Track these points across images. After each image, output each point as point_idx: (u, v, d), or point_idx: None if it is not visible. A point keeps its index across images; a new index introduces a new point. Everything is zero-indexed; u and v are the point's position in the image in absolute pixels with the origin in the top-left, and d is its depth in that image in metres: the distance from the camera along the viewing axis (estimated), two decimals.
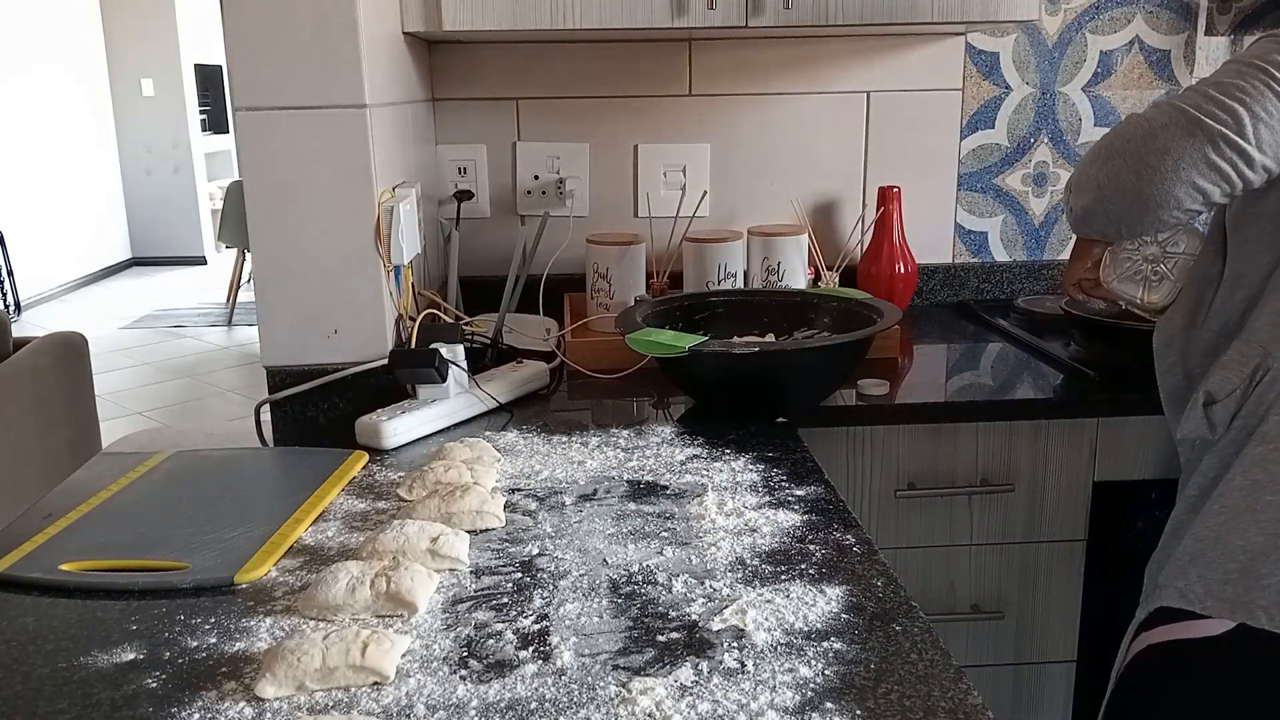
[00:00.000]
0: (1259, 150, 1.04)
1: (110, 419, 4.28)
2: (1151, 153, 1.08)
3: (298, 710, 0.75)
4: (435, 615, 0.88)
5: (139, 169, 8.66)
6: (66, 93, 7.76)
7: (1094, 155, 1.17)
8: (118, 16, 8.32)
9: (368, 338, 1.48)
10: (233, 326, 6.40)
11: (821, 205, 1.99)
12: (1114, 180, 1.13)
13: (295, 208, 1.45)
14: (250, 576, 0.95)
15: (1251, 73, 1.05)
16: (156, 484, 1.19)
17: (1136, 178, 1.10)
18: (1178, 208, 1.09)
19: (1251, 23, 1.96)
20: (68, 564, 0.98)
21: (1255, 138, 1.04)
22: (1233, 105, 1.04)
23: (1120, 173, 1.12)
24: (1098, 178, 1.16)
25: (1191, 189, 1.07)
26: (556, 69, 1.90)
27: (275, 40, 1.41)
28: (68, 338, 2.88)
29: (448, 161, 1.94)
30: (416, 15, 1.59)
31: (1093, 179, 1.17)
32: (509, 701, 0.75)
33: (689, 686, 0.76)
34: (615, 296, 1.76)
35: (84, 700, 0.77)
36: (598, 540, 1.02)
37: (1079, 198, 1.20)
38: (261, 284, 1.50)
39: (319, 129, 1.43)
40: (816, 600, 0.89)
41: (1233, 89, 1.05)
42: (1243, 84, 1.05)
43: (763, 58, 1.92)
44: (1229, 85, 1.06)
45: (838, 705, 0.74)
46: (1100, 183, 1.15)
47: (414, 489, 1.12)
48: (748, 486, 1.14)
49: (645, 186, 1.96)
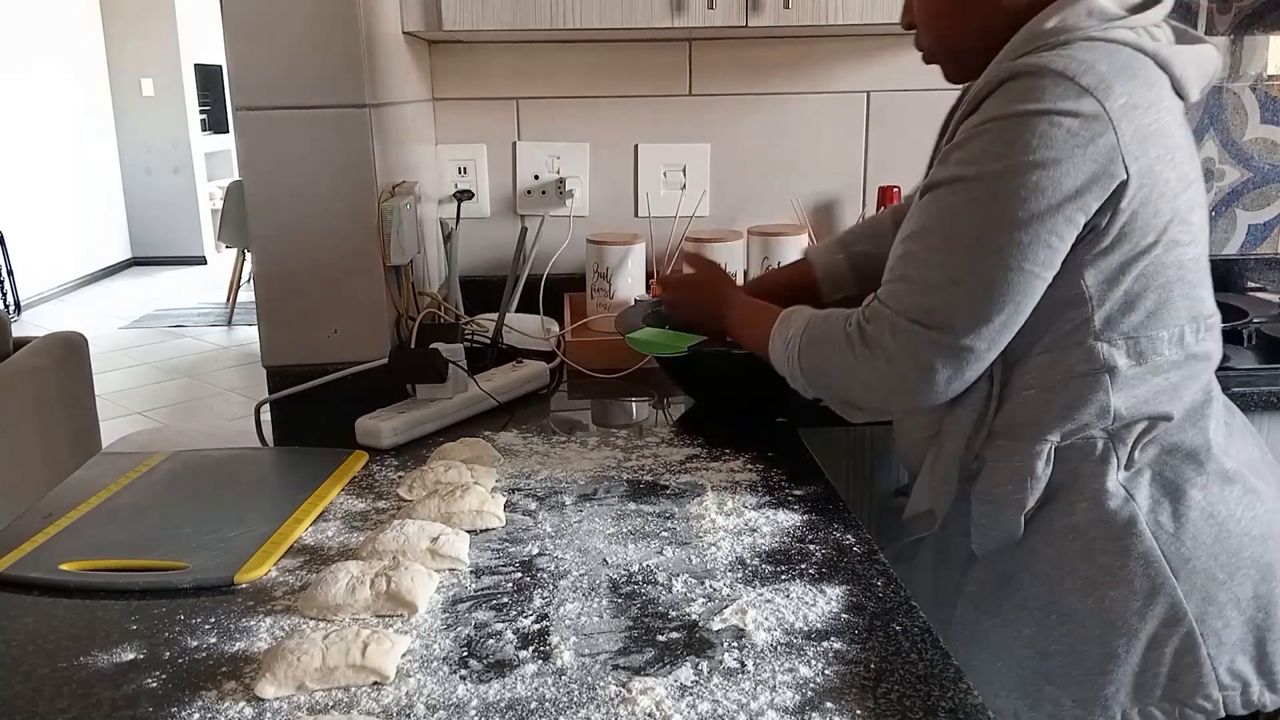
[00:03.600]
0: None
1: (110, 419, 4.27)
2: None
3: (298, 710, 0.75)
4: (435, 615, 0.88)
5: (139, 169, 8.66)
6: (66, 93, 7.75)
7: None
8: (118, 16, 8.31)
9: (368, 338, 1.49)
10: (233, 326, 6.40)
11: (821, 205, 1.99)
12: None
13: (295, 208, 1.45)
14: (250, 576, 0.95)
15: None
16: (156, 484, 1.19)
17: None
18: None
19: (1251, 23, 1.96)
20: (68, 564, 0.97)
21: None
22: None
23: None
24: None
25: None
26: (556, 69, 1.90)
27: (275, 40, 1.41)
28: (68, 338, 2.88)
29: (448, 161, 1.94)
30: (416, 15, 1.59)
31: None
32: (509, 701, 0.75)
33: (689, 686, 0.76)
34: (615, 296, 1.76)
35: (84, 700, 0.77)
36: (598, 540, 1.02)
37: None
38: (261, 284, 1.50)
39: (319, 129, 1.43)
40: (816, 600, 0.89)
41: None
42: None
43: (763, 58, 1.92)
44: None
45: (838, 705, 0.74)
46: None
47: (414, 489, 1.12)
48: (747, 486, 1.14)
49: (645, 186, 1.96)
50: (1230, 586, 0.98)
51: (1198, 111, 2.00)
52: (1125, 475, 0.98)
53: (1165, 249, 0.95)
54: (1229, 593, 0.98)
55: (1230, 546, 0.99)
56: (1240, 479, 1.01)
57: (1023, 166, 0.89)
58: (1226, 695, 0.98)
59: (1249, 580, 0.99)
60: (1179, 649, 0.97)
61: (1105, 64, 0.90)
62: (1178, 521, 0.98)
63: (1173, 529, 0.98)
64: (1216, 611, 0.98)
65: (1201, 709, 0.98)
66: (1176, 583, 0.97)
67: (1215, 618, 0.98)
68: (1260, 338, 1.62)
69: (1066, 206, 0.90)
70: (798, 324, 1.09)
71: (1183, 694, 0.98)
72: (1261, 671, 1.00)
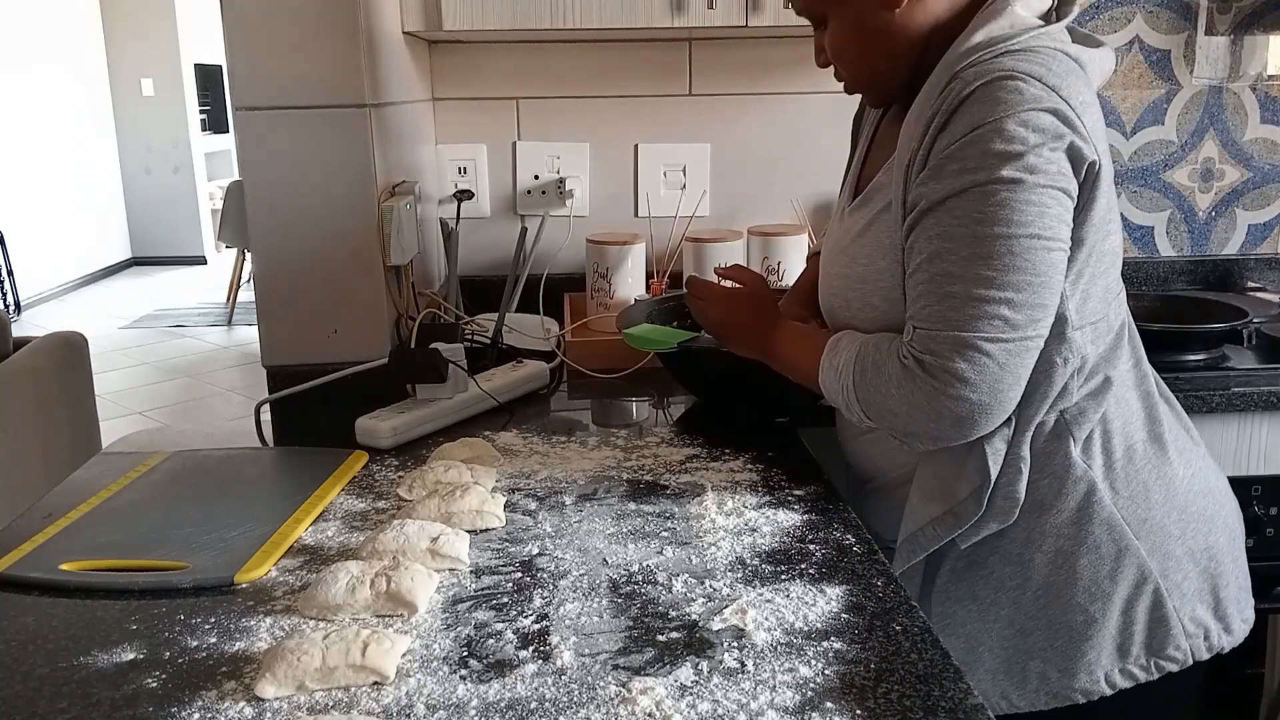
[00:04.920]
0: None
1: (110, 419, 4.27)
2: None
3: (298, 710, 0.75)
4: (435, 615, 0.88)
5: (139, 169, 8.66)
6: (66, 93, 7.75)
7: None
8: (118, 16, 8.31)
9: (368, 338, 1.49)
10: (233, 326, 6.40)
11: (821, 205, 1.99)
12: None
13: (295, 208, 1.45)
14: (250, 576, 0.95)
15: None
16: (156, 484, 1.19)
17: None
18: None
19: (1251, 23, 1.96)
20: (68, 564, 0.97)
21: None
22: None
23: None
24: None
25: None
26: (556, 69, 1.90)
27: (275, 40, 1.41)
28: (68, 338, 2.88)
29: (448, 161, 1.94)
30: (416, 15, 1.59)
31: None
32: (509, 701, 0.75)
33: (689, 686, 0.76)
34: (615, 296, 1.76)
35: (84, 700, 0.77)
36: (598, 540, 1.02)
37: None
38: (261, 284, 1.50)
39: (319, 129, 1.43)
40: (816, 600, 0.89)
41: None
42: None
43: (763, 58, 1.92)
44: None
45: (838, 705, 0.74)
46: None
47: (414, 489, 1.12)
48: (747, 486, 1.14)
49: (645, 186, 1.96)
50: (1184, 540, 1.05)
51: (1197, 111, 2.00)
52: (1079, 447, 1.03)
53: (1103, 237, 1.02)
54: (1184, 546, 1.05)
55: (1179, 503, 1.05)
56: (1175, 439, 1.08)
57: (1027, 156, 0.92)
58: (1192, 643, 1.04)
59: (1199, 533, 1.06)
60: (1150, 605, 1.03)
61: (1053, 66, 0.95)
62: (1130, 485, 1.04)
63: (1127, 492, 1.04)
64: (1175, 565, 1.04)
65: (1173, 659, 1.04)
66: (1139, 543, 1.02)
67: (1175, 571, 1.04)
68: (1260, 338, 1.62)
69: (1069, 188, 0.95)
70: (848, 353, 1.05)
71: (1156, 647, 1.03)
72: (1218, 616, 1.06)
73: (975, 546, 1.05)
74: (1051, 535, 1.03)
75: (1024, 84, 0.93)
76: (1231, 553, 1.09)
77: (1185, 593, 1.04)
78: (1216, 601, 1.06)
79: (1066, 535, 1.02)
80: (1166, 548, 1.04)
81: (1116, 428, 1.04)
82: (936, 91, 0.97)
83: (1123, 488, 1.03)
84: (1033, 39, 0.97)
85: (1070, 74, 0.96)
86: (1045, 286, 0.94)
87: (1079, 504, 1.02)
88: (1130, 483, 1.04)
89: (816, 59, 1.13)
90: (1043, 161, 0.92)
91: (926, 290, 0.97)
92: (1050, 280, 0.95)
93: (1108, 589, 1.02)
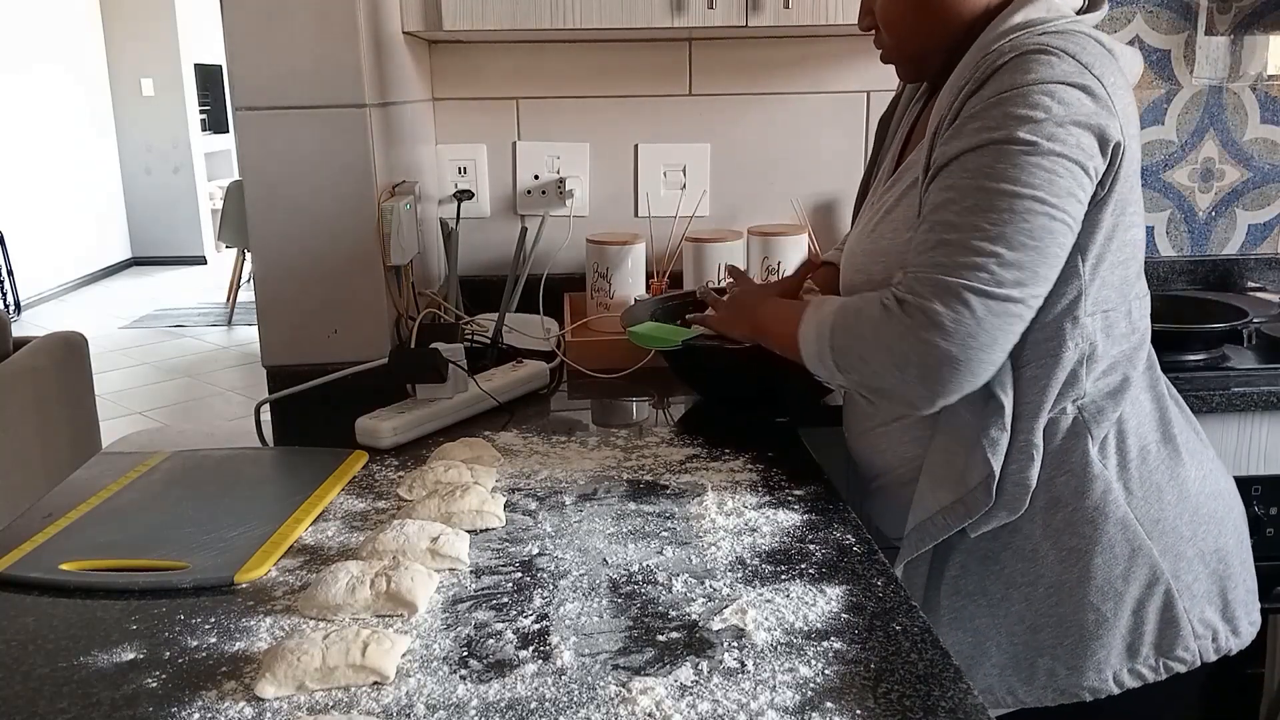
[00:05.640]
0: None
1: (110, 419, 4.28)
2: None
3: (298, 710, 0.75)
4: (435, 615, 0.88)
5: (139, 169, 8.66)
6: (66, 93, 7.75)
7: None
8: (118, 16, 8.31)
9: (368, 338, 1.49)
10: (233, 326, 6.40)
11: (821, 205, 1.99)
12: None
13: (295, 208, 1.45)
14: (250, 576, 0.95)
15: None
16: (156, 484, 1.19)
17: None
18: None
19: (1251, 23, 1.96)
20: (68, 564, 0.97)
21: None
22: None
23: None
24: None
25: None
26: (556, 69, 1.90)
27: (275, 40, 1.41)
28: (68, 337, 2.88)
29: (448, 161, 1.94)
30: (416, 15, 1.59)
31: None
32: (509, 701, 0.75)
33: (689, 686, 0.76)
34: (615, 296, 1.76)
35: (84, 700, 0.77)
36: (598, 540, 1.02)
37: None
38: (261, 284, 1.50)
39: (319, 129, 1.43)
40: (816, 600, 0.89)
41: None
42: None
43: (763, 58, 1.92)
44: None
45: (838, 705, 0.74)
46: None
47: (414, 489, 1.12)
48: (748, 486, 1.14)
49: (645, 186, 1.96)
50: (1195, 542, 1.05)
51: (1197, 111, 2.00)
52: (1096, 446, 1.03)
53: (1126, 228, 1.01)
54: (1195, 548, 1.05)
55: (1190, 505, 1.06)
56: (1186, 441, 1.09)
57: (1046, 124, 0.92)
58: (1200, 644, 1.05)
59: (1209, 535, 1.06)
60: (1161, 605, 1.03)
61: (1088, 47, 0.96)
62: (1144, 485, 1.04)
63: (1141, 493, 1.04)
64: (1186, 567, 1.05)
65: (1182, 660, 1.04)
66: (1151, 544, 1.03)
67: (1186, 573, 1.04)
68: (1260, 338, 1.62)
69: (1088, 165, 0.94)
70: (831, 305, 1.07)
71: (1165, 648, 1.04)
72: (1226, 618, 1.07)
73: (988, 542, 1.05)
74: (1066, 533, 1.03)
75: (1057, 58, 0.94)
76: (1240, 555, 1.10)
77: (1195, 594, 1.04)
78: (1225, 604, 1.07)
79: (1081, 534, 1.02)
80: (1178, 549, 1.04)
81: (1131, 428, 1.05)
82: (970, 67, 0.99)
83: (1137, 488, 1.04)
84: (1069, 24, 0.99)
85: (1103, 58, 0.96)
86: (1040, 253, 0.93)
87: (1095, 503, 1.02)
88: (1144, 483, 1.04)
89: (860, 21, 1.13)
90: (1062, 132, 0.93)
91: (925, 238, 0.97)
92: (1046, 248, 0.93)
93: (1120, 588, 1.02)
